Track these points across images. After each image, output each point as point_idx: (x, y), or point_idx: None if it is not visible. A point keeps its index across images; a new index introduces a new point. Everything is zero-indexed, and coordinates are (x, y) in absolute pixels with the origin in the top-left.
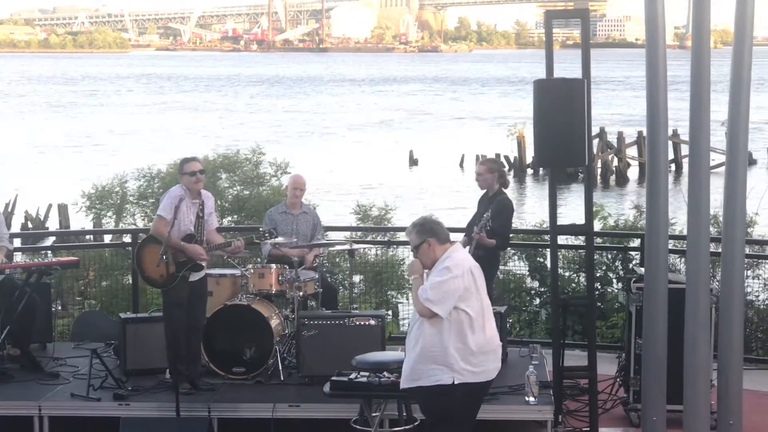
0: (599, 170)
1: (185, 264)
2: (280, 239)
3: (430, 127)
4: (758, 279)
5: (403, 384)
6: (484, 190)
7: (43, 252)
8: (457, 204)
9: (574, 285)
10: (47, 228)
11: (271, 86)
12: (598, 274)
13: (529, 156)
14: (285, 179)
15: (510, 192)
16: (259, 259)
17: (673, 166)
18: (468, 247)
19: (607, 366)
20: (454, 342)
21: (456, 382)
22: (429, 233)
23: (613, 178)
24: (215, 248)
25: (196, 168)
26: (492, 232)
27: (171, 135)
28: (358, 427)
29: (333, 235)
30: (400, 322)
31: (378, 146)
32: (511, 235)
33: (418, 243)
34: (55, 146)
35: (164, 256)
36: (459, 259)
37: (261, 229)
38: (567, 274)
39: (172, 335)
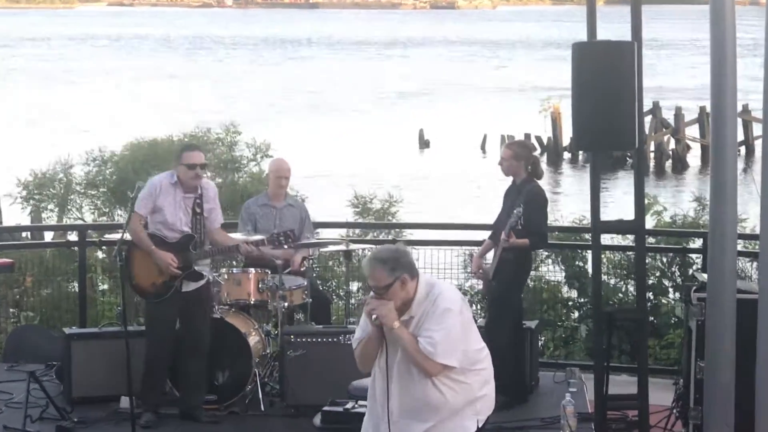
0: (652, 154)
1: (182, 270)
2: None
3: (444, 100)
4: None
5: None
6: (510, 180)
7: None
8: (476, 195)
9: (621, 295)
10: None
11: (250, 50)
12: (650, 282)
13: (567, 137)
14: (265, 164)
15: (543, 180)
16: (234, 262)
17: (742, 149)
18: (494, 250)
19: (662, 394)
20: (473, 379)
21: (480, 425)
22: (404, 268)
23: (669, 163)
24: (217, 252)
25: (196, 160)
26: (524, 230)
27: (129, 109)
28: None
29: (325, 233)
30: None
31: (380, 124)
32: (547, 231)
33: (390, 282)
34: None
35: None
36: (448, 289)
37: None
38: (612, 281)
39: (152, 356)
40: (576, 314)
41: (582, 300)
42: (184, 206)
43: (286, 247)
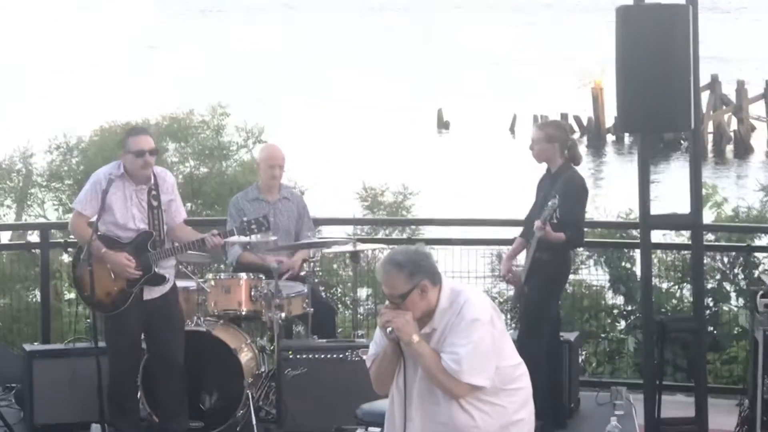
0: (711, 136)
1: (141, 275)
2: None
3: (466, 74)
4: None
5: None
6: (544, 168)
7: None
8: (505, 185)
9: (675, 301)
10: None
11: (241, 14)
12: (709, 286)
13: (610, 117)
14: (257, 152)
15: (583, 167)
16: (222, 266)
17: None
18: (526, 250)
19: (724, 417)
20: (508, 401)
21: None
22: (424, 274)
23: (730, 147)
24: (180, 250)
25: (143, 146)
26: (559, 223)
27: (98, 88)
28: None
29: (328, 231)
30: None
31: (391, 102)
32: (583, 226)
33: (407, 290)
34: None
35: (88, 264)
36: (476, 297)
37: (244, 219)
38: (665, 285)
39: (115, 378)
40: (622, 324)
41: (629, 308)
42: (136, 200)
43: (259, 236)
